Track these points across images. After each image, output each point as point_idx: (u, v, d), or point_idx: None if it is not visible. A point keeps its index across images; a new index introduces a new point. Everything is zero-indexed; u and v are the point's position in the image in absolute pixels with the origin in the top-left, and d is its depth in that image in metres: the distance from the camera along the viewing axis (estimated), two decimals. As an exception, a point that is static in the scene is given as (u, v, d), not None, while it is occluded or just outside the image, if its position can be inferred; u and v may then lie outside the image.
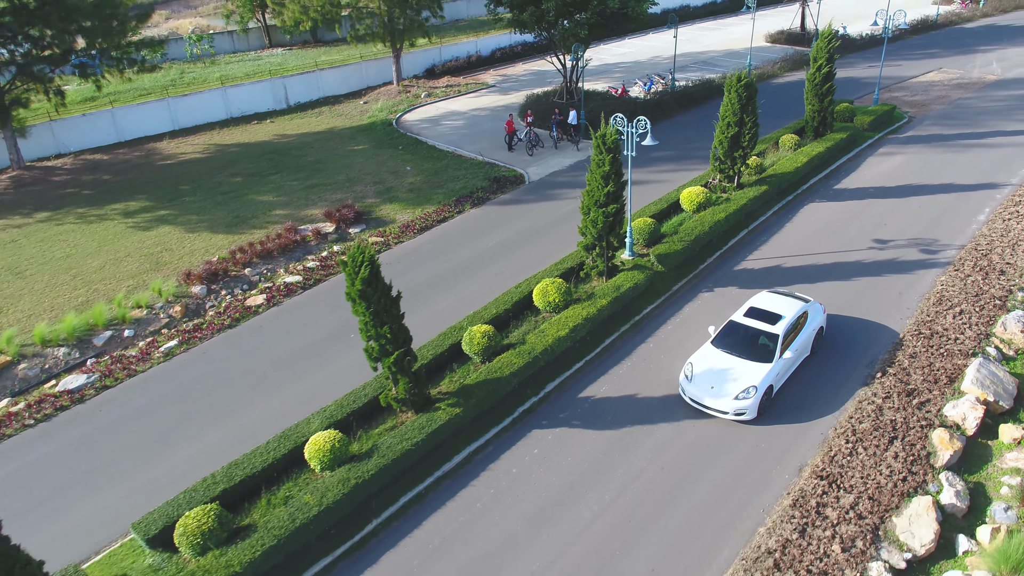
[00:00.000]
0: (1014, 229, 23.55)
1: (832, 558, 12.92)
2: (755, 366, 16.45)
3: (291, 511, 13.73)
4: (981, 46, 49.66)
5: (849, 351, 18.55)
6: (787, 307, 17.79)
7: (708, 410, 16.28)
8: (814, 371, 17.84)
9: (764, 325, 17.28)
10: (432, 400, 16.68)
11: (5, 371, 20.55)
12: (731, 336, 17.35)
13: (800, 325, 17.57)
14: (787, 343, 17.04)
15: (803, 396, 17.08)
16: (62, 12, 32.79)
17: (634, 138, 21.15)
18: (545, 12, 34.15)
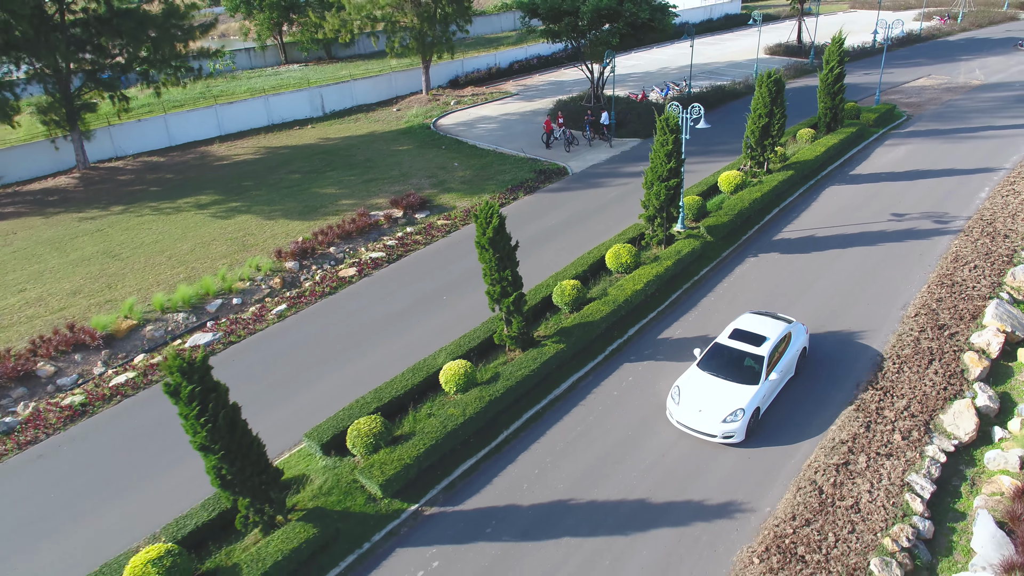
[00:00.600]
0: (1012, 203, 26.88)
1: (894, 444, 15.74)
2: (742, 388, 16.33)
3: (440, 420, 16.29)
4: (963, 56, 53.92)
5: (884, 296, 21.54)
6: (771, 328, 17.69)
7: (696, 433, 16.18)
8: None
9: (749, 347, 17.13)
10: (535, 341, 19.37)
11: (133, 333, 22.94)
12: (717, 358, 17.19)
13: (784, 346, 17.52)
14: (772, 365, 16.95)
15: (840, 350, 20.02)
16: (134, 22, 35.45)
17: (688, 123, 24.19)
18: (579, 23, 37.40)
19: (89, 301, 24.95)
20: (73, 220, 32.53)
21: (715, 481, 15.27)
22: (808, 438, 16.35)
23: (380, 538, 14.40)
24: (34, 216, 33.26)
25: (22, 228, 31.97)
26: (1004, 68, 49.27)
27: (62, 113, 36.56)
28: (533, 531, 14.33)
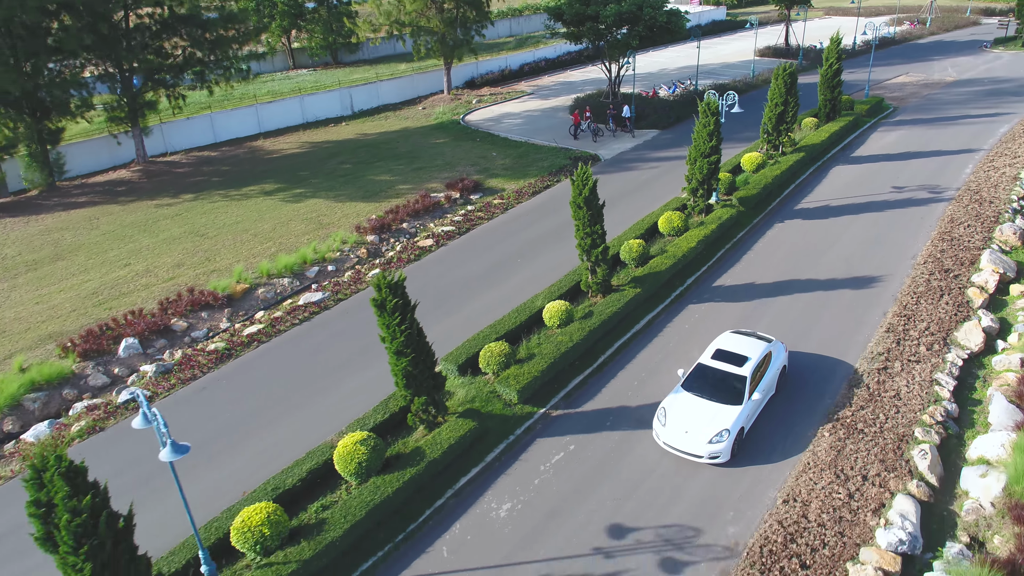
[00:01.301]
0: (993, 176, 31.24)
1: (921, 353, 19.61)
2: (726, 409, 16.49)
3: (554, 345, 19.75)
4: (935, 56, 59.10)
5: (896, 250, 25.52)
6: (752, 348, 17.83)
7: (683, 454, 16.34)
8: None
9: (731, 367, 17.26)
10: (613, 288, 22.93)
11: (247, 295, 26.01)
12: (700, 379, 17.33)
13: (765, 365, 17.71)
14: (755, 384, 17.11)
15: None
16: (196, 26, 38.39)
17: (723, 107, 28.04)
18: (600, 26, 41.23)
19: (194, 271, 27.91)
20: (149, 207, 35.29)
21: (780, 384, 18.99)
22: (851, 350, 20.14)
23: (521, 432, 17.79)
24: (109, 204, 35.93)
25: (103, 215, 34.64)
26: (973, 67, 54.39)
27: (125, 111, 39.29)
28: (644, 424, 17.84)
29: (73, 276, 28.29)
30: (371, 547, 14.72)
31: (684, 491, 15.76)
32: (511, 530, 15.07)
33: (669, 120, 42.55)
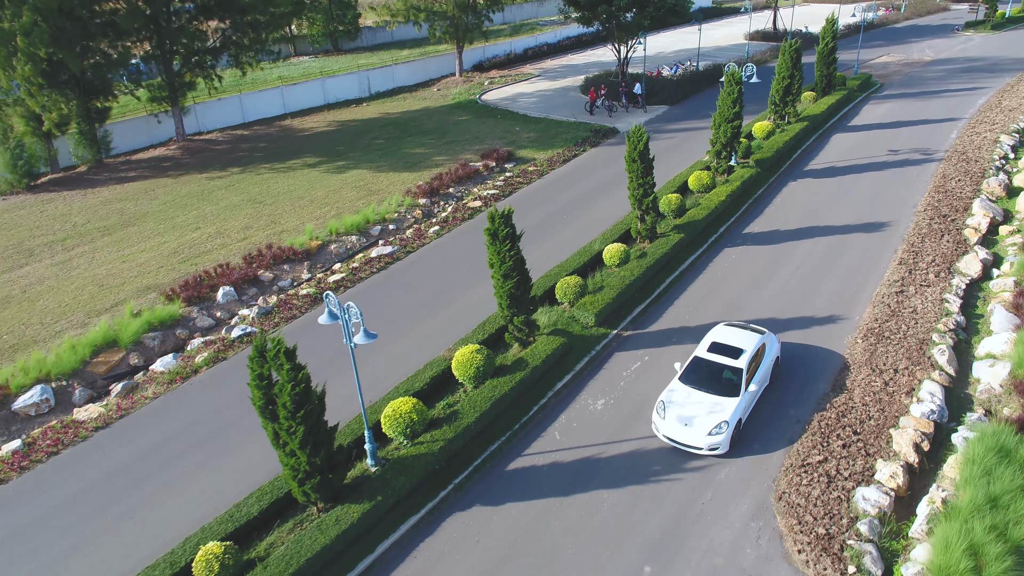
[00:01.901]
0: (976, 140, 34.92)
1: (930, 279, 22.97)
2: (724, 401, 16.71)
3: (618, 279, 22.70)
4: (911, 39, 63.17)
5: (898, 202, 28.92)
6: (746, 340, 18.09)
7: (683, 447, 16.51)
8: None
9: (727, 360, 17.49)
10: (658, 234, 25.95)
11: (321, 250, 28.55)
12: (697, 372, 17.55)
13: (760, 357, 17.95)
14: (751, 376, 17.32)
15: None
16: (237, 11, 40.45)
17: (743, 78, 31.18)
18: (612, 8, 44.14)
19: (264, 232, 30.33)
20: (200, 179, 37.46)
21: (821, 301, 22.20)
22: (870, 280, 23.42)
23: (600, 348, 20.76)
24: (160, 178, 38.01)
25: (157, 187, 36.73)
26: (947, 48, 58.49)
27: (165, 91, 41.25)
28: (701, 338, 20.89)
29: (149, 239, 30.54)
30: (494, 434, 17.58)
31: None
32: (608, 419, 18.03)
33: (677, 97, 45.74)
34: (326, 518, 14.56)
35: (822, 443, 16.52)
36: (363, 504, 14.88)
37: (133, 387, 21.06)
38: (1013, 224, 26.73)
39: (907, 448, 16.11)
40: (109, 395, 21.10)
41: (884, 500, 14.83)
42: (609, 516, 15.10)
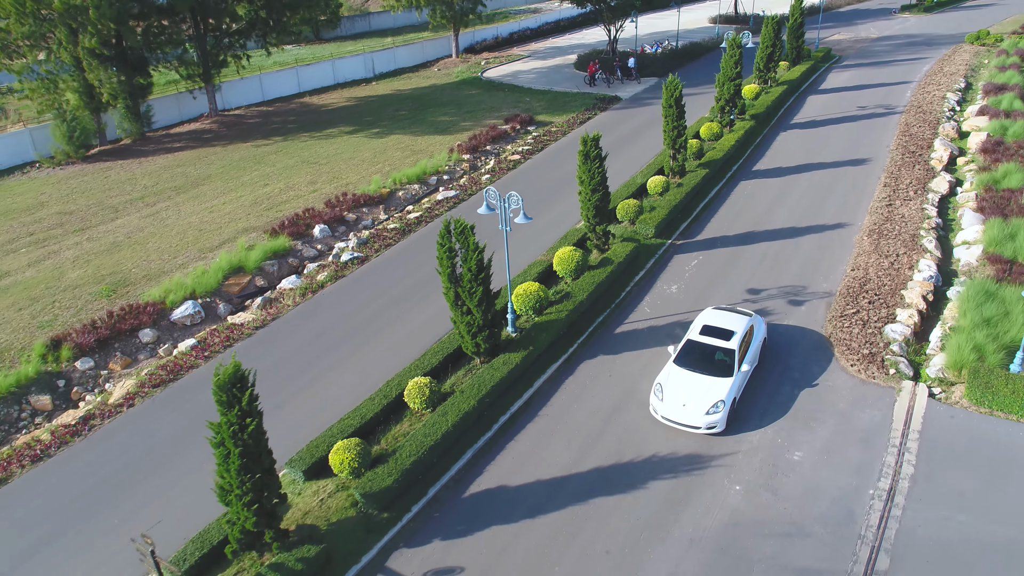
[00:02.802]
0: (927, 97, 41.15)
1: (911, 195, 28.48)
2: (719, 381, 17.11)
3: (666, 201, 27.43)
4: (857, 21, 70.25)
5: (873, 144, 34.55)
6: (736, 322, 18.60)
7: (681, 427, 16.95)
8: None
9: (719, 341, 17.96)
10: (685, 171, 30.80)
11: (391, 196, 32.40)
12: (691, 354, 17.96)
13: (749, 338, 18.46)
14: (742, 356, 17.81)
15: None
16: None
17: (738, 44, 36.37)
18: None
19: (330, 186, 33.92)
20: (247, 147, 40.55)
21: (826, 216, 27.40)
22: (863, 200, 28.78)
23: (661, 252, 25.46)
24: (207, 147, 40.92)
25: (208, 155, 39.68)
26: (889, 27, 65.63)
27: (199, 69, 44.00)
28: (744, 242, 25.81)
29: (224, 194, 33.75)
30: (597, 311, 22.06)
31: (791, 264, 23.85)
32: (682, 298, 22.73)
33: (665, 70, 50.95)
34: (495, 361, 18.78)
35: (853, 302, 21.61)
36: (520, 352, 19.16)
37: (269, 300, 24.67)
38: (967, 156, 32.67)
39: (917, 299, 21.35)
40: (247, 308, 24.66)
41: (906, 331, 19.98)
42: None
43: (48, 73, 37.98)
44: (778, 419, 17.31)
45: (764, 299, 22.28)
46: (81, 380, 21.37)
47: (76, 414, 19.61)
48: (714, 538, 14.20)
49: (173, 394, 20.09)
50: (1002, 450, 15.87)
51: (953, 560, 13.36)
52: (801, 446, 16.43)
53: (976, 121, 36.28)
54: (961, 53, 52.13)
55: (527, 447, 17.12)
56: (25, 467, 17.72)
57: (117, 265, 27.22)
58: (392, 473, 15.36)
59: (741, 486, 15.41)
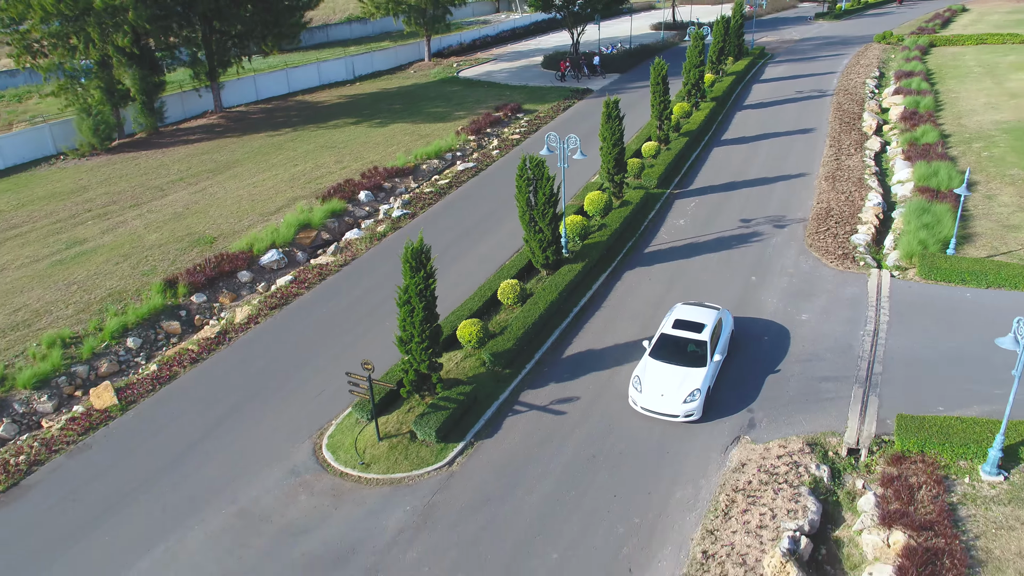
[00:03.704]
0: (851, 82, 48.71)
1: (852, 152, 35.05)
2: (693, 371, 17.76)
3: (661, 160, 32.98)
4: (780, 27, 79.06)
5: (815, 116, 41.28)
6: (706, 316, 19.37)
7: (661, 416, 17.49)
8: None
9: (692, 334, 18.64)
10: (669, 140, 36.52)
11: (415, 168, 36.78)
12: (665, 348, 18.59)
13: (719, 330, 19.24)
14: (714, 346, 18.53)
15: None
16: None
17: (701, 37, 42.71)
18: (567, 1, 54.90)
19: (356, 164, 37.96)
20: (262, 137, 43.97)
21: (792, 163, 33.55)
22: (815, 158, 35.14)
23: (664, 198, 30.93)
24: (223, 139, 44.09)
25: (227, 144, 42.89)
26: (808, 31, 74.46)
27: (206, 68, 47.11)
28: (734, 187, 31.56)
29: (259, 174, 37.30)
30: (626, 239, 27.21)
31: (770, 201, 29.67)
32: (691, 228, 28.18)
33: (625, 67, 57.21)
34: (560, 271, 23.60)
35: (823, 223, 27.55)
36: (577, 264, 24.08)
37: (340, 248, 28.68)
38: (890, 124, 39.82)
39: (872, 218, 27.56)
40: (319, 256, 28.58)
41: (867, 238, 26.04)
42: (718, 262, 25.24)
43: (74, 71, 40.49)
44: (785, 298, 22.81)
45: (754, 225, 27.98)
46: (199, 310, 24.91)
47: (211, 331, 23.23)
48: (759, 365, 19.45)
49: (288, 314, 23.98)
50: (946, 303, 21.84)
51: (922, 364, 19.01)
52: (806, 311, 21.97)
53: (893, 99, 43.80)
54: (872, 50, 60.70)
55: (600, 325, 22.02)
56: (186, 368, 21.34)
57: (189, 228, 30.58)
58: (509, 340, 19.95)
59: (769, 338, 20.75)
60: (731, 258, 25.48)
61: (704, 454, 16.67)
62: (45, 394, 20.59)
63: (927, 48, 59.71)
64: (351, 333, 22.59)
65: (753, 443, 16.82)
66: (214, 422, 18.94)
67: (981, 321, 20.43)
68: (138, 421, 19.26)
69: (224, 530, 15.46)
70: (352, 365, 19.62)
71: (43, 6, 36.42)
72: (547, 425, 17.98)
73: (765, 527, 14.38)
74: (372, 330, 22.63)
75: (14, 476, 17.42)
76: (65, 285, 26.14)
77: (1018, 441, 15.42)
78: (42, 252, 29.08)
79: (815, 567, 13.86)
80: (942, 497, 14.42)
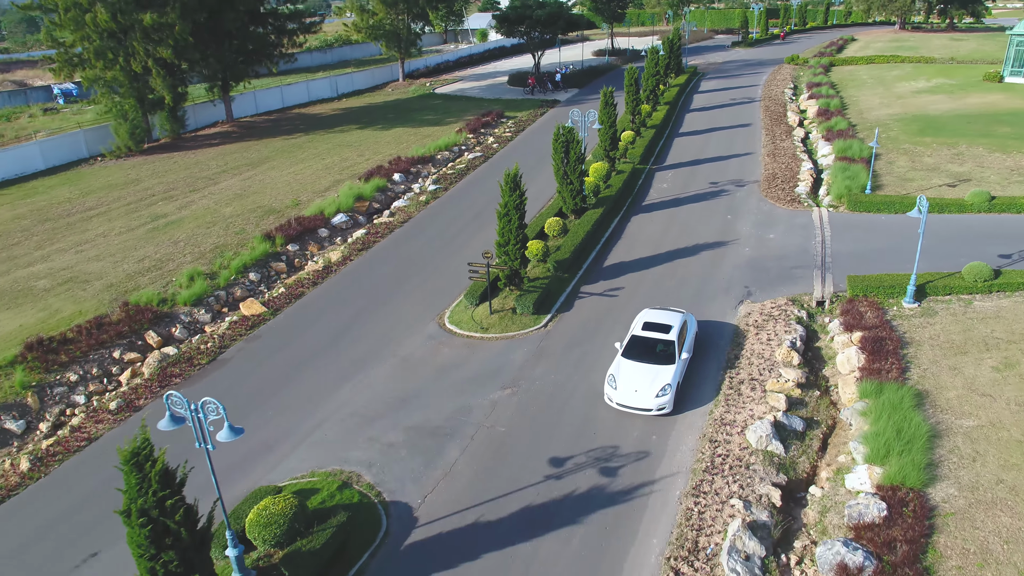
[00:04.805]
0: (772, 92, 58.67)
1: (784, 138, 44.05)
2: (664, 368, 19.00)
3: (640, 144, 40.85)
4: (704, 53, 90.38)
5: (749, 114, 50.44)
6: (672, 319, 20.67)
7: (635, 410, 18.62)
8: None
9: (660, 335, 19.95)
10: (642, 131, 44.57)
11: (431, 158, 43.32)
12: (636, 348, 19.79)
13: (685, 331, 20.56)
14: (681, 345, 19.86)
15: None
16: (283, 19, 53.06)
17: (656, 52, 51.39)
18: (531, 26, 63.13)
19: (376, 157, 44.16)
20: (278, 140, 49.47)
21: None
22: (756, 137, 43.93)
23: (648, 170, 38.71)
24: (243, 142, 49.31)
25: (250, 146, 48.19)
26: (728, 56, 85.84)
27: (219, 84, 52.32)
28: (700, 162, 39.66)
29: (295, 166, 42.94)
30: (626, 198, 34.65)
31: (728, 170, 37.81)
32: (674, 188, 35.99)
33: (581, 83, 65.85)
34: (586, 214, 30.67)
35: (772, 182, 35.87)
36: (597, 209, 31.24)
37: (393, 212, 34.87)
38: (808, 119, 49.44)
39: (808, 177, 36.18)
40: (375, 220, 34.65)
41: (807, 189, 34.54)
42: (700, 208, 33.01)
43: (113, 81, 45.06)
44: (754, 226, 30.64)
45: (721, 185, 36.03)
46: (295, 256, 30.58)
47: (316, 266, 29.02)
48: (746, 263, 27.06)
49: (372, 255, 30.07)
50: (867, 223, 30.19)
51: (856, 256, 26.99)
52: (772, 233, 29.86)
53: (808, 102, 53.73)
54: (784, 69, 71.78)
55: (624, 249, 29.23)
56: (308, 289, 27.10)
57: (256, 203, 36.04)
58: (566, 252, 26.86)
59: (750, 248, 28.43)
60: (709, 205, 33.33)
61: (721, 310, 23.93)
62: (201, 309, 25.92)
63: (828, 67, 71.20)
64: (430, 265, 28.91)
65: (753, 303, 24.23)
66: (351, 317, 24.85)
67: (891, 232, 28.80)
68: (289, 321, 24.96)
69: (395, 368, 21.53)
70: (438, 287, 26.44)
71: (97, 23, 41.27)
72: (605, 303, 24.87)
73: (772, 340, 21.69)
74: (446, 262, 29.01)
75: (211, 354, 22.86)
76: (171, 243, 31.27)
77: (923, 283, 23.42)
78: (133, 224, 33.94)
79: (806, 361, 21.22)
80: (881, 314, 22.16)
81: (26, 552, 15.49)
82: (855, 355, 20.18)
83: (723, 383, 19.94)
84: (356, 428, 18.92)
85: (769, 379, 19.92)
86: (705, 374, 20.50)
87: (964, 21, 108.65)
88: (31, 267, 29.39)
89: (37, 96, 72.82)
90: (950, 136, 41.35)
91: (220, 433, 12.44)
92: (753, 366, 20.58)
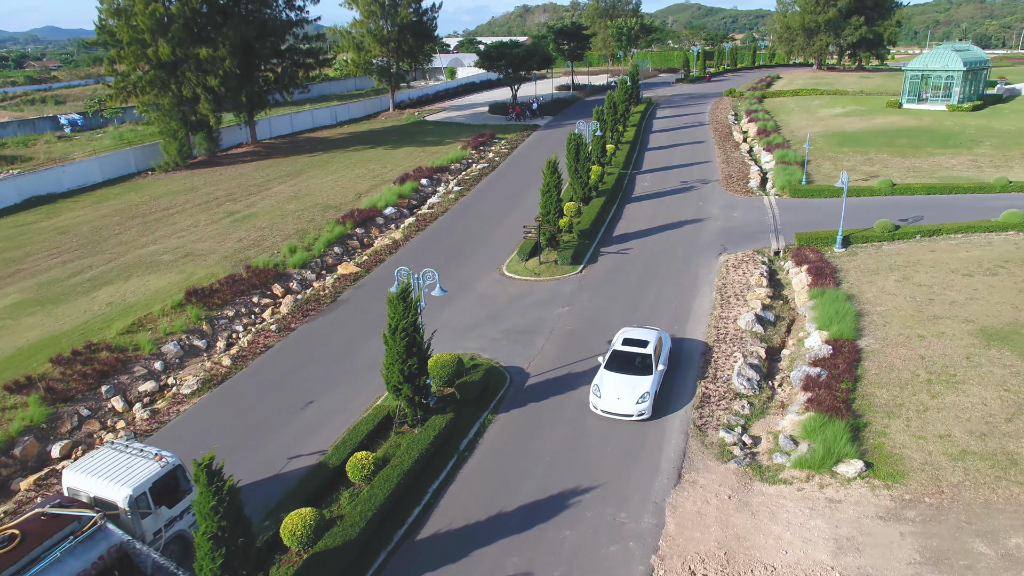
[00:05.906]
0: (717, 118, 69.26)
1: (734, 148, 53.99)
2: (643, 379, 21.24)
3: (621, 156, 49.96)
4: (654, 88, 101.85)
5: (701, 133, 60.40)
6: (648, 335, 22.96)
7: (618, 416, 20.78)
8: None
9: (639, 349, 22.25)
10: (622, 141, 53.76)
11: (449, 167, 51.35)
12: (617, 361, 22.03)
13: (660, 346, 22.88)
14: (657, 358, 22.08)
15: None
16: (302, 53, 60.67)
17: (624, 83, 61.11)
18: (510, 62, 72.46)
19: (396, 168, 51.88)
20: (303, 158, 56.64)
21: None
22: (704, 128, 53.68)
23: (629, 175, 47.74)
24: (273, 159, 56.27)
25: (281, 163, 55.20)
26: (674, 90, 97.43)
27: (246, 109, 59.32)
28: (665, 170, 48.91)
29: (331, 175, 50.26)
30: (618, 193, 43.45)
31: (694, 173, 47.11)
32: (655, 186, 45.01)
33: (554, 111, 75.40)
34: (593, 201, 39.17)
35: (728, 180, 45.33)
36: (601, 197, 39.85)
37: (431, 206, 42.67)
38: (751, 137, 59.79)
39: (756, 177, 45.87)
40: (418, 211, 42.31)
41: (756, 184, 44.07)
42: (678, 198, 42.04)
43: (163, 106, 51.58)
44: (720, 209, 39.73)
45: (690, 184, 45.27)
46: (362, 237, 37.97)
47: (383, 242, 36.51)
48: (719, 231, 35.97)
49: (428, 234, 37.79)
50: (805, 205, 39.66)
51: (799, 224, 36.10)
52: (735, 212, 39.00)
53: (748, 125, 64.34)
54: (724, 101, 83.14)
55: (626, 223, 37.88)
56: (385, 258, 34.59)
57: (313, 201, 43.23)
58: (586, 224, 35.28)
59: (720, 222, 37.40)
60: (684, 196, 42.44)
61: (708, 260, 32.60)
62: (308, 271, 33.07)
63: (762, 98, 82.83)
64: (476, 237, 36.84)
65: (728, 254, 33.01)
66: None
67: (823, 210, 38.30)
68: (381, 274, 32.41)
69: (478, 299, 29.30)
70: (489, 251, 34.60)
71: (158, 55, 48.09)
72: (620, 258, 33.27)
73: (746, 273, 30.41)
74: (488, 235, 36.95)
75: (332, 296, 30.10)
76: (257, 229, 38.21)
77: (848, 235, 32.70)
78: (214, 218, 40.67)
79: (773, 283, 29.97)
80: (820, 255, 31.23)
81: (261, 402, 22.53)
82: (804, 277, 29.07)
83: (716, 302, 28.46)
84: (465, 331, 26.58)
85: (748, 293, 28.58)
86: (700, 296, 29.05)
87: (871, 63, 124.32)
88: (147, 248, 35.87)
89: (44, 126, 77.80)
90: (862, 146, 52.00)
91: (434, 291, 20.09)
92: (736, 287, 29.22)
